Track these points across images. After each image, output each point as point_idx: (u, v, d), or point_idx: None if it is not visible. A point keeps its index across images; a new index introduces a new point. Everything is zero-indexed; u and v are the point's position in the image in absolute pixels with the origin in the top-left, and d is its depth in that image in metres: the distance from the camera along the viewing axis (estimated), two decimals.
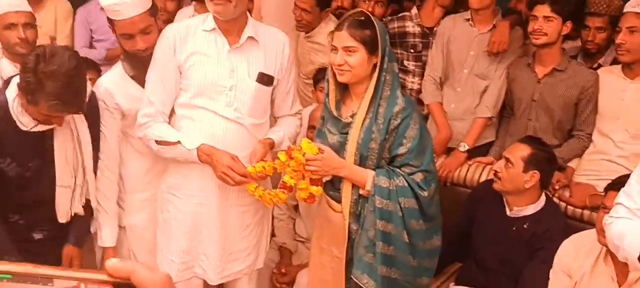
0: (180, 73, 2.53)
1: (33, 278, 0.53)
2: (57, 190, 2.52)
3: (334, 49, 2.40)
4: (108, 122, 2.63)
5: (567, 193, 3.08)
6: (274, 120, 2.79)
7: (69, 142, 2.50)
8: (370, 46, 2.37)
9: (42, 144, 2.46)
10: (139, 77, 2.60)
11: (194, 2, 3.95)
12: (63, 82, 2.20)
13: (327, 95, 2.52)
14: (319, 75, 3.50)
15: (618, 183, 2.26)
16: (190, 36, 2.52)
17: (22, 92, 2.27)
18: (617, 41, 2.99)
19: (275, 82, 2.62)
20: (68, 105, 2.27)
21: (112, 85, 2.60)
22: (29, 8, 2.79)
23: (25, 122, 2.38)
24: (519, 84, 3.29)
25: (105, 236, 2.71)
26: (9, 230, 2.51)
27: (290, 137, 2.72)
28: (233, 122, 2.54)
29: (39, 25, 3.00)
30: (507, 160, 2.78)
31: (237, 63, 2.53)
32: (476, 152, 3.42)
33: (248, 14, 2.59)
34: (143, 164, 2.73)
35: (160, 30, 2.58)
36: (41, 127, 2.41)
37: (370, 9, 3.76)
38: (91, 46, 4.23)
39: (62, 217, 2.56)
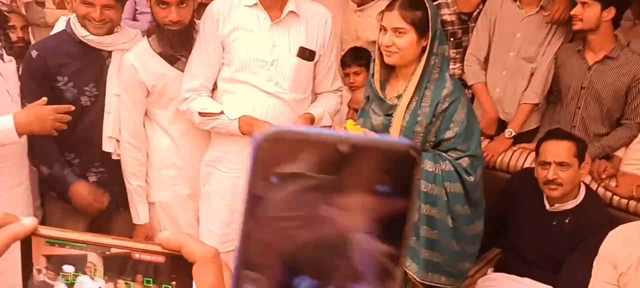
0: (223, 48, 2.55)
1: (92, 246, 0.56)
2: (105, 117, 2.63)
3: (383, 29, 2.37)
4: (131, 98, 2.64)
5: (613, 183, 3.02)
6: (315, 96, 2.78)
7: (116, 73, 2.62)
8: (421, 28, 2.33)
9: (98, 66, 2.61)
10: (166, 54, 2.60)
11: None
12: None
13: (373, 75, 2.49)
14: (348, 57, 3.45)
15: None
16: (233, 11, 2.54)
17: None
18: None
19: (316, 58, 2.62)
20: None
21: (136, 61, 2.60)
22: None
23: (80, 32, 2.57)
24: (568, 71, 3.22)
25: (139, 213, 2.75)
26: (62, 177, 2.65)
27: (331, 113, 2.73)
28: (274, 97, 2.56)
29: None
30: (561, 163, 2.70)
31: (279, 38, 2.54)
32: (521, 138, 3.37)
33: None
34: (168, 141, 2.73)
35: (198, 7, 2.59)
36: (96, 39, 2.56)
37: None
38: (135, 18, 4.26)
39: (107, 146, 2.66)
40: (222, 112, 2.56)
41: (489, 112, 3.43)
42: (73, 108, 2.42)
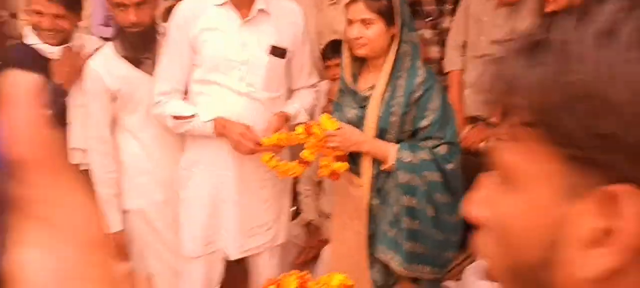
0: (193, 49, 2.52)
1: None
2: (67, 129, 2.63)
3: (350, 21, 2.35)
4: (97, 105, 2.61)
5: None
6: (290, 93, 2.75)
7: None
8: (388, 17, 2.30)
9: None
10: (131, 57, 2.58)
11: None
12: None
13: (343, 69, 2.46)
14: (328, 50, 3.43)
15: None
16: (201, 11, 2.51)
17: None
18: None
19: (289, 55, 2.59)
20: None
21: (100, 67, 2.57)
22: None
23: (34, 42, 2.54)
24: None
25: (111, 222, 2.71)
26: None
27: (307, 109, 2.70)
28: (247, 97, 2.53)
29: None
30: None
31: (249, 36, 2.51)
32: None
33: None
34: (138, 147, 2.70)
35: (162, 8, 2.56)
36: (49, 50, 2.54)
37: None
38: (107, 24, 4.22)
39: (72, 158, 2.63)
40: (195, 115, 2.53)
41: (456, 110, 3.36)
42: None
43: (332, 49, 3.44)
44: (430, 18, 3.53)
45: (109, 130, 2.67)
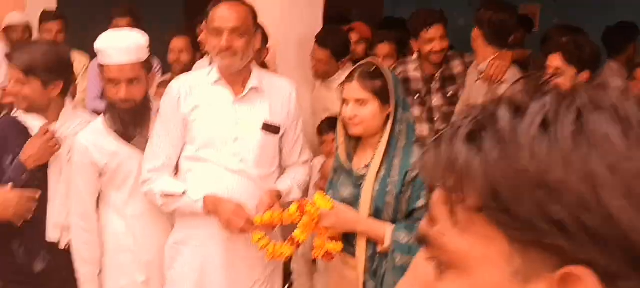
0: (186, 126, 2.51)
1: None
2: (48, 205, 2.53)
3: (345, 101, 2.34)
4: (83, 179, 2.56)
5: None
6: (282, 170, 2.72)
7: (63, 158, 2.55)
8: (382, 97, 2.29)
9: None
10: (122, 132, 2.55)
11: (210, 55, 3.92)
12: None
13: (338, 148, 2.43)
14: (324, 126, 3.44)
15: None
16: (195, 89, 2.52)
17: None
18: None
19: (282, 131, 2.59)
20: None
21: (88, 141, 2.54)
22: None
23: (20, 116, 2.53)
24: None
25: None
26: (9, 264, 2.55)
27: (300, 186, 2.67)
28: (239, 174, 2.51)
29: None
30: None
31: (242, 113, 2.51)
32: None
33: (253, 64, 2.58)
34: (122, 224, 2.63)
35: (162, 84, 2.56)
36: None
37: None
38: (103, 97, 4.23)
39: (51, 234, 2.55)
40: (185, 192, 2.48)
41: None
42: (39, 193, 2.34)
43: (328, 125, 3.47)
44: (418, 95, 3.55)
45: (93, 206, 2.61)
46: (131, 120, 2.53)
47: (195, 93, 2.51)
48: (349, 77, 2.34)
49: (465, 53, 3.64)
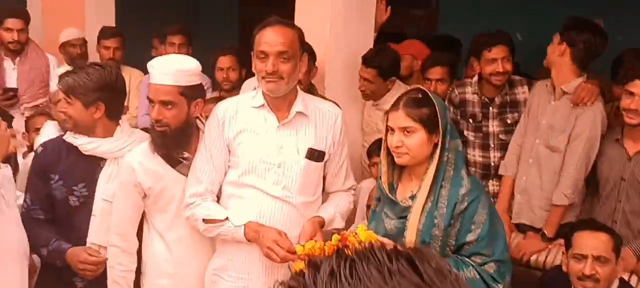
0: (229, 151, 2.45)
1: None
2: (91, 220, 2.57)
3: (390, 129, 2.23)
4: (126, 199, 2.53)
5: None
6: (326, 196, 2.63)
7: (112, 177, 2.59)
8: (430, 125, 2.17)
9: (89, 166, 2.59)
10: (165, 156, 2.51)
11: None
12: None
13: (380, 177, 2.32)
14: (374, 147, 3.32)
15: None
16: (239, 113, 2.46)
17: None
18: None
19: (326, 157, 2.50)
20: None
21: (135, 161, 2.51)
22: None
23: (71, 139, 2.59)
24: (607, 162, 2.97)
25: None
26: (55, 280, 2.63)
27: (342, 214, 2.57)
28: (281, 201, 2.44)
29: None
30: (598, 257, 2.44)
31: (286, 139, 2.44)
32: (557, 233, 3.07)
33: (298, 88, 2.50)
34: (163, 248, 2.58)
35: (213, 103, 2.53)
36: (85, 147, 2.58)
37: (432, 88, 3.59)
38: None
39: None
40: (227, 218, 2.43)
41: (503, 219, 3.11)
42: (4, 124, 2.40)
43: (378, 147, 3.35)
44: (474, 119, 3.37)
45: (134, 227, 2.58)
46: (168, 144, 2.48)
47: (240, 117, 2.45)
48: (394, 105, 2.24)
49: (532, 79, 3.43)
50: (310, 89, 3.44)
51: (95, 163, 2.60)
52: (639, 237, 2.84)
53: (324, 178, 2.58)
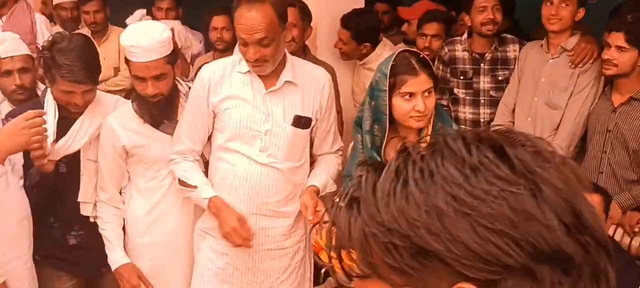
0: (215, 114, 2.47)
1: None
2: (81, 179, 2.59)
3: (412, 95, 2.19)
4: (108, 160, 2.57)
5: None
6: (313, 158, 2.66)
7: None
8: (436, 82, 2.26)
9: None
10: (149, 118, 2.54)
11: None
12: (73, 55, 2.40)
13: (373, 146, 2.30)
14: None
15: None
16: (226, 78, 2.45)
17: (43, 71, 2.54)
18: None
19: (313, 123, 2.51)
20: (79, 77, 2.41)
21: (116, 123, 2.54)
22: (24, 51, 2.80)
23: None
24: (594, 113, 3.02)
25: (113, 259, 2.62)
26: (46, 238, 2.64)
27: (333, 177, 2.60)
28: (268, 167, 2.47)
29: (102, 56, 3.07)
30: None
31: (273, 107, 2.44)
32: None
33: (287, 53, 2.48)
34: (144, 206, 2.63)
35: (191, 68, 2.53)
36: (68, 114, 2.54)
37: (427, 44, 3.64)
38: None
39: (84, 210, 2.63)
40: (196, 186, 2.47)
41: None
42: (45, 112, 2.36)
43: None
44: (463, 77, 3.42)
45: (117, 186, 2.63)
46: (159, 111, 2.53)
47: (226, 82, 2.45)
48: (411, 70, 2.19)
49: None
50: (304, 49, 3.48)
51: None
52: (625, 188, 2.91)
53: (312, 141, 2.60)
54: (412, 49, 2.38)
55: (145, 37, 2.42)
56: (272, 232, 2.51)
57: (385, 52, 3.47)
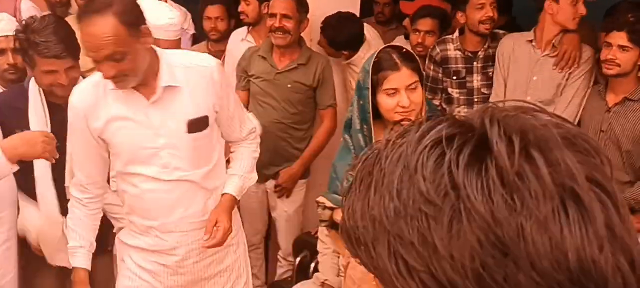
0: (104, 140, 2.21)
1: None
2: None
3: (395, 91, 2.11)
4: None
5: None
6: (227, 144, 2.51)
7: None
8: (421, 76, 2.18)
9: (59, 119, 2.45)
10: None
11: (250, 27, 3.88)
12: (47, 32, 2.39)
13: (365, 145, 2.21)
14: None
15: None
16: (100, 100, 2.16)
17: (22, 57, 2.55)
18: None
19: (212, 120, 2.25)
20: (56, 52, 2.39)
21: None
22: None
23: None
24: (587, 112, 3.01)
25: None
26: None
27: (249, 171, 2.44)
28: (177, 182, 2.23)
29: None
30: None
31: (161, 118, 2.16)
32: None
33: (158, 52, 2.16)
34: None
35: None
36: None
37: (420, 40, 3.60)
38: None
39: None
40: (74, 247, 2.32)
41: None
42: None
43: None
44: (456, 77, 3.39)
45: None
46: None
47: (102, 104, 2.15)
48: (393, 66, 2.13)
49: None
50: (299, 41, 3.46)
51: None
52: (619, 191, 2.90)
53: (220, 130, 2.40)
54: (395, 44, 2.32)
55: (166, 18, 2.47)
56: (197, 245, 2.35)
57: (369, 53, 3.42)
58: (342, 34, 3.57)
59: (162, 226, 2.30)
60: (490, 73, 3.33)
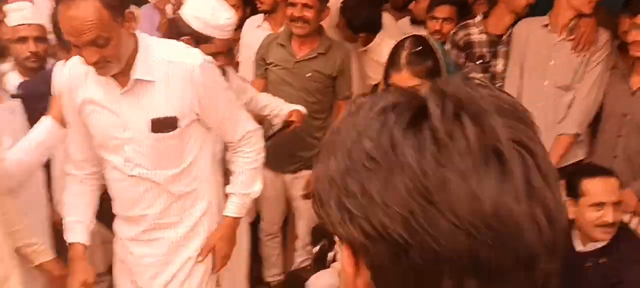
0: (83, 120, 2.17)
1: None
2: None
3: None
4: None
5: None
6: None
7: None
8: (435, 75, 2.02)
9: None
10: None
11: (266, 14, 3.85)
12: None
13: None
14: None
15: None
16: (82, 79, 2.11)
17: (57, 41, 2.53)
18: None
19: (184, 123, 2.11)
20: None
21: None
22: (40, 21, 2.81)
23: None
24: (610, 96, 2.95)
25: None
26: None
27: (249, 186, 2.35)
28: (139, 178, 2.16)
29: None
30: (617, 203, 2.42)
31: (130, 111, 2.08)
32: (563, 172, 3.10)
33: (139, 41, 2.05)
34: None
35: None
36: None
37: (438, 27, 3.55)
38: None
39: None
40: (68, 231, 2.26)
41: None
42: None
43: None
44: (481, 61, 3.36)
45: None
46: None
47: (82, 85, 2.10)
48: (395, 64, 2.05)
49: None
50: (319, 30, 3.42)
51: None
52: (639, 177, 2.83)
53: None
54: (416, 36, 2.20)
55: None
56: (155, 245, 2.27)
57: (385, 40, 3.40)
58: (360, 16, 3.54)
59: (128, 218, 2.26)
60: None
